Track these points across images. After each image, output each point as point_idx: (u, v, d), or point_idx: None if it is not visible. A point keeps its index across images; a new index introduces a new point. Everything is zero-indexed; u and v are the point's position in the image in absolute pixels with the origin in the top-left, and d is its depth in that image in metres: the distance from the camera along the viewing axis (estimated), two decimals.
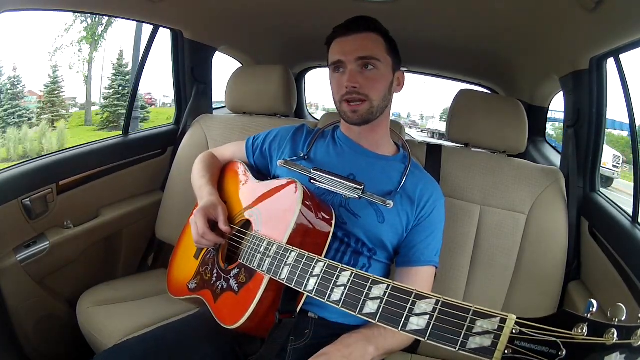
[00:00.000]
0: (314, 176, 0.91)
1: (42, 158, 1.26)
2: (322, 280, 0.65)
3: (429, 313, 0.52)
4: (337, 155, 0.97)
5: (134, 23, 1.42)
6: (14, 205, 1.14)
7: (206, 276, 0.90)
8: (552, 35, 1.23)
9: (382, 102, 0.91)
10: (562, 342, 0.42)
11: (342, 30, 0.90)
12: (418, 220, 0.91)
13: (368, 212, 0.89)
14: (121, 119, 3.57)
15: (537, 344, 0.44)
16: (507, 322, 0.46)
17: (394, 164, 0.97)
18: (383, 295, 0.57)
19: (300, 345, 0.84)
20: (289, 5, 1.48)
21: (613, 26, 0.97)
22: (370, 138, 0.96)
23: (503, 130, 1.20)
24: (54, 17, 4.42)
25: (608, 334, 0.41)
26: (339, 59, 0.89)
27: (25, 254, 1.18)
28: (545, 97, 1.75)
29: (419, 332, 0.52)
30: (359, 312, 0.58)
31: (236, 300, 0.79)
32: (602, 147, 1.21)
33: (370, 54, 0.88)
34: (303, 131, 1.04)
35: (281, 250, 0.73)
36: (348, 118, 0.91)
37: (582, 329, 0.42)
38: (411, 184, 0.92)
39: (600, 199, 1.15)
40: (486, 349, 0.46)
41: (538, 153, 1.79)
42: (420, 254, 0.89)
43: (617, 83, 1.11)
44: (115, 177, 1.42)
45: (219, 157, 1.12)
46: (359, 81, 0.87)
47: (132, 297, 1.25)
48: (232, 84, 1.49)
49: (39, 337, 1.24)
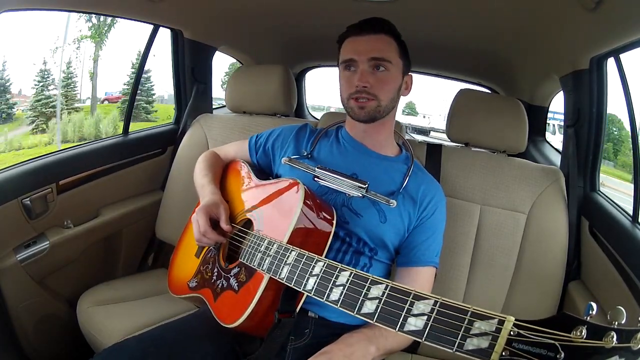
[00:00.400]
0: (318, 174, 0.91)
1: (42, 158, 1.26)
2: (321, 280, 0.65)
3: (426, 314, 0.52)
4: (340, 155, 0.97)
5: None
6: (14, 205, 1.14)
7: (207, 275, 0.90)
8: (553, 35, 1.23)
9: (389, 103, 0.92)
10: (561, 345, 0.42)
11: (356, 29, 0.91)
12: (420, 220, 0.91)
13: (370, 212, 0.89)
14: (141, 112, 3.70)
15: (535, 346, 0.43)
16: (505, 323, 0.46)
17: (396, 164, 0.97)
18: (381, 295, 0.57)
19: (300, 345, 0.84)
20: (289, 5, 1.48)
21: (613, 26, 0.97)
22: (374, 138, 0.97)
23: (503, 130, 1.20)
24: (54, 17, 4.49)
25: (607, 337, 0.40)
26: (352, 58, 0.89)
27: (25, 254, 1.18)
28: (546, 97, 1.75)
29: (417, 332, 0.52)
30: (357, 312, 0.58)
31: (236, 299, 0.79)
32: (603, 147, 1.21)
33: (383, 56, 0.88)
34: (306, 130, 1.04)
35: (281, 250, 0.73)
36: (355, 114, 0.91)
37: (581, 332, 0.42)
38: (414, 185, 0.93)
39: (600, 198, 1.15)
40: (483, 350, 0.46)
41: (538, 153, 1.79)
42: (421, 255, 0.89)
43: (618, 83, 1.11)
44: (115, 177, 1.42)
45: (222, 156, 1.12)
46: (370, 81, 0.88)
47: (132, 296, 1.25)
48: (232, 83, 1.49)
49: (39, 337, 1.24)
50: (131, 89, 1.56)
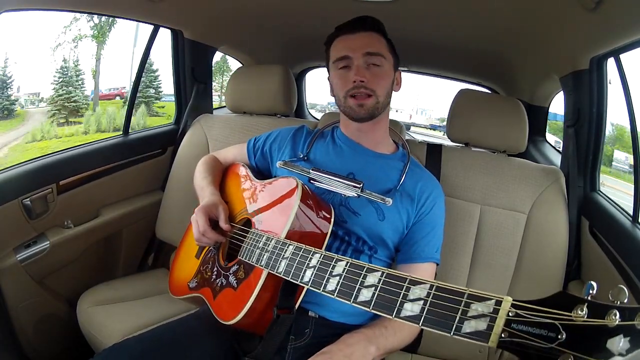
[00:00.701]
0: (313, 176, 0.91)
1: (42, 158, 1.26)
2: (318, 271, 0.65)
3: (423, 298, 0.51)
4: (336, 155, 0.98)
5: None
6: (14, 205, 1.14)
7: (206, 274, 0.91)
8: (553, 35, 1.23)
9: (385, 99, 0.93)
10: (562, 325, 0.40)
11: (348, 28, 0.92)
12: (418, 217, 0.92)
13: (368, 210, 0.89)
14: (151, 106, 3.84)
15: (535, 326, 0.42)
16: (502, 304, 0.44)
17: (393, 162, 0.97)
18: (377, 282, 0.56)
19: (300, 344, 0.84)
20: (289, 5, 1.48)
21: (613, 26, 0.97)
22: (370, 136, 0.97)
23: (503, 130, 1.20)
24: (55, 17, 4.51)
25: (609, 316, 0.38)
26: (346, 55, 0.90)
27: (26, 254, 1.18)
28: (546, 97, 1.75)
29: (413, 318, 0.51)
30: (353, 301, 0.58)
31: (235, 295, 0.79)
32: (603, 147, 1.21)
33: (377, 50, 0.90)
34: (303, 132, 1.05)
35: (279, 245, 0.74)
36: (355, 113, 0.92)
37: (582, 311, 0.40)
38: (411, 182, 0.93)
39: (600, 198, 1.15)
40: (482, 332, 0.44)
41: (538, 153, 1.79)
42: (421, 251, 0.90)
43: (618, 82, 1.11)
44: (116, 177, 1.42)
45: (221, 159, 1.13)
46: (366, 76, 0.88)
47: (132, 296, 1.25)
48: (232, 83, 1.49)
49: (39, 337, 1.24)
50: (131, 88, 1.56)
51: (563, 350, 0.40)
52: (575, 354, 0.39)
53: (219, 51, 1.76)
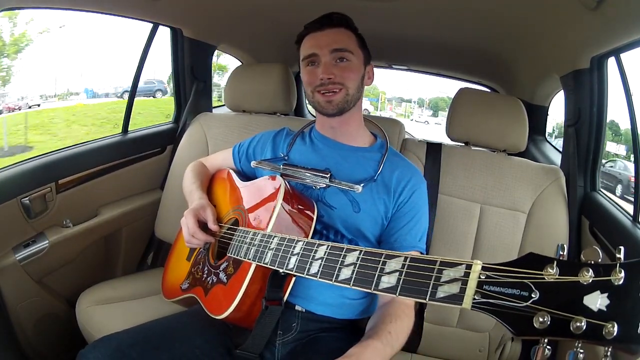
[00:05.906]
0: (284, 172, 0.94)
1: (41, 157, 1.26)
2: (301, 257, 0.67)
3: (398, 270, 0.53)
4: (314, 152, 0.99)
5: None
6: (13, 204, 1.14)
7: (197, 274, 0.93)
8: (553, 34, 1.22)
9: (356, 92, 0.93)
10: (533, 283, 0.41)
11: (316, 25, 0.94)
12: (397, 206, 0.92)
13: (343, 203, 0.91)
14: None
15: (507, 287, 0.43)
16: (472, 267, 0.46)
17: (370, 154, 0.98)
18: (356, 260, 0.59)
19: (288, 339, 0.86)
20: (288, 4, 1.48)
21: (614, 25, 0.97)
22: (344, 131, 0.98)
23: (503, 129, 1.20)
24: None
25: (582, 273, 0.39)
26: (313, 52, 0.92)
27: (25, 253, 1.17)
28: (546, 96, 1.74)
29: (390, 289, 0.53)
30: (335, 280, 0.60)
31: (225, 290, 0.82)
32: (603, 147, 1.21)
33: (344, 46, 0.91)
34: (283, 133, 1.08)
35: (265, 238, 0.76)
36: (323, 108, 0.93)
37: (552, 269, 0.41)
38: (388, 172, 0.94)
39: (600, 198, 1.15)
40: (455, 295, 0.46)
41: (538, 152, 1.79)
42: (403, 240, 0.90)
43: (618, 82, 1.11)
44: (115, 176, 1.41)
45: (209, 165, 1.16)
46: (334, 72, 0.89)
47: (131, 296, 1.25)
48: (231, 82, 1.48)
49: (38, 337, 1.23)
50: (131, 88, 1.55)
51: (538, 308, 0.40)
52: (551, 310, 0.40)
53: (218, 49, 1.76)
